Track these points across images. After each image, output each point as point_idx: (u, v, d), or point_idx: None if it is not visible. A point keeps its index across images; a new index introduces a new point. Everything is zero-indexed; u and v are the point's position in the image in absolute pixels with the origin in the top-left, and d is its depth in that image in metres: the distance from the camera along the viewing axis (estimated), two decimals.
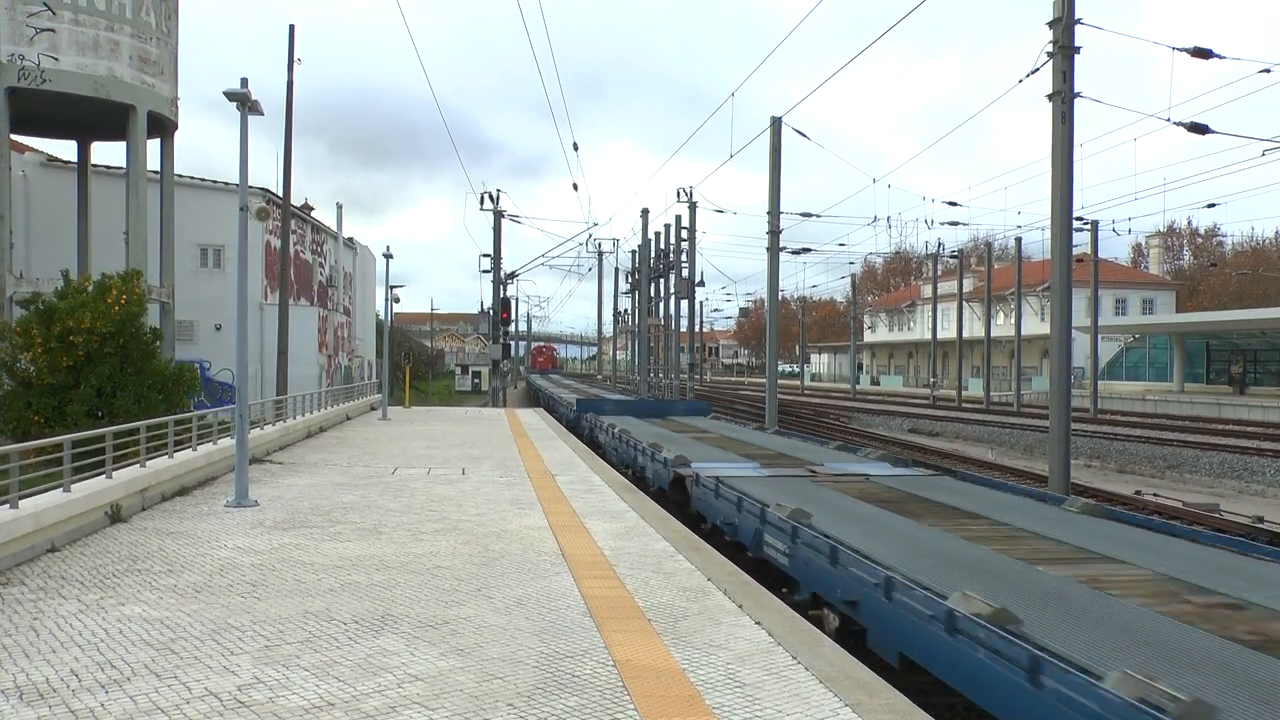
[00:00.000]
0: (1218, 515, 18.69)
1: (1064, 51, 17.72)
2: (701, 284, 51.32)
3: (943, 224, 57.50)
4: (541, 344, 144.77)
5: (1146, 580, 7.80)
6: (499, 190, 51.54)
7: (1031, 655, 5.50)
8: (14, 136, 32.18)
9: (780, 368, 39.67)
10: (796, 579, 9.53)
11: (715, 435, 23.43)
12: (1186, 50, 19.24)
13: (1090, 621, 6.48)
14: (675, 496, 15.24)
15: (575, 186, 71.37)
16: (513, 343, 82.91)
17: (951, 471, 17.16)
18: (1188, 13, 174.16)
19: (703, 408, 33.88)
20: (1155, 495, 22.05)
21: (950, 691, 6.55)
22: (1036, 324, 68.63)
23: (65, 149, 40.11)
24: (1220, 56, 19.50)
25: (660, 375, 56.30)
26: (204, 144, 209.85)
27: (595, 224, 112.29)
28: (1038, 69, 18.28)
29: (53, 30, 29.28)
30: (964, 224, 56.50)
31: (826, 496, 12.53)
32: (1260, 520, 18.23)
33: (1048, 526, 10.29)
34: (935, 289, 69.94)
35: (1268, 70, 21.95)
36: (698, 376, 64.21)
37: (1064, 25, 17.73)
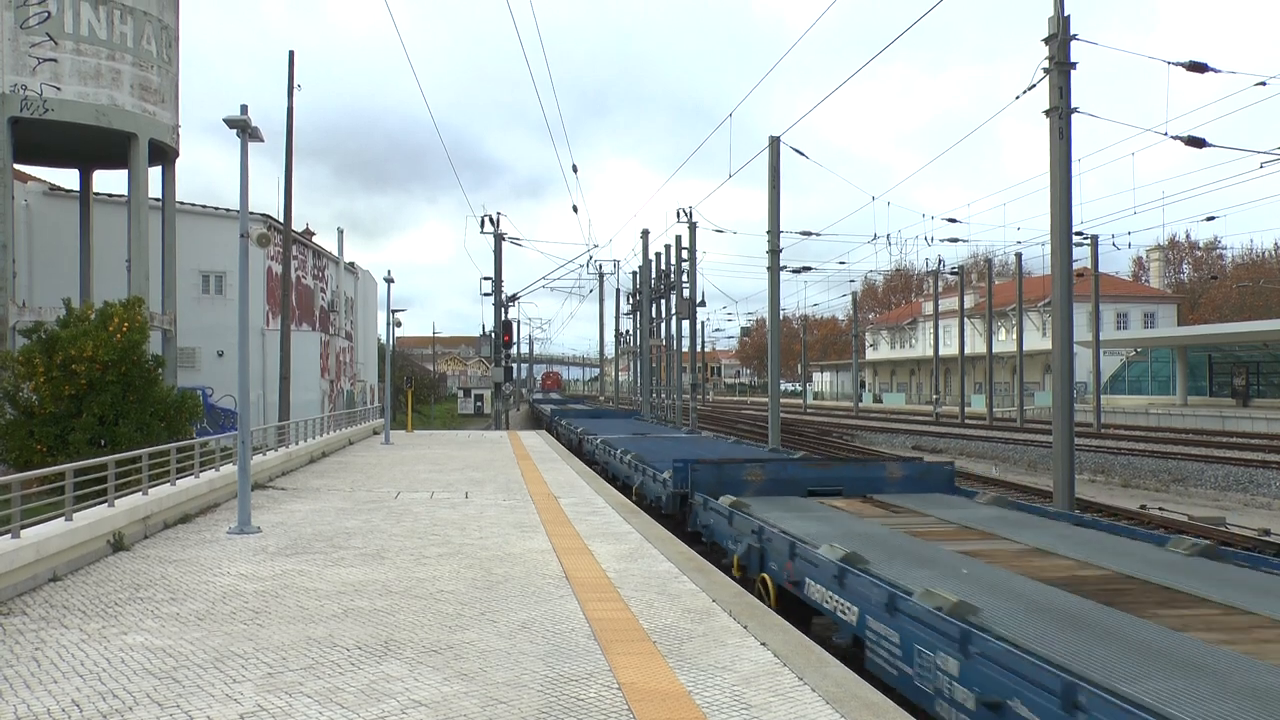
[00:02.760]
0: (1224, 528, 18.62)
1: (1060, 68, 17.79)
2: (702, 304, 51.35)
3: (943, 241, 57.71)
4: (548, 370, 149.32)
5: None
6: (499, 213, 51.76)
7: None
8: (16, 166, 32.31)
9: (782, 386, 39.62)
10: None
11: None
12: (1182, 65, 19.31)
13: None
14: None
15: (575, 209, 71.51)
16: (514, 365, 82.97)
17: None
18: (1201, 24, 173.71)
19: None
20: (1161, 509, 21.98)
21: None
22: (1038, 339, 68.65)
23: (67, 178, 40.32)
24: (1216, 70, 19.58)
25: (663, 395, 56.29)
26: (204, 168, 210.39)
27: (596, 245, 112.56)
28: (1035, 85, 18.36)
29: (55, 60, 29.45)
30: (964, 240, 56.78)
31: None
32: (1267, 533, 18.16)
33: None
34: (936, 306, 69.98)
35: (1263, 83, 22.04)
36: (700, 396, 64.14)
37: (1060, 41, 17.80)
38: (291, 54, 32.80)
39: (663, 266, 54.82)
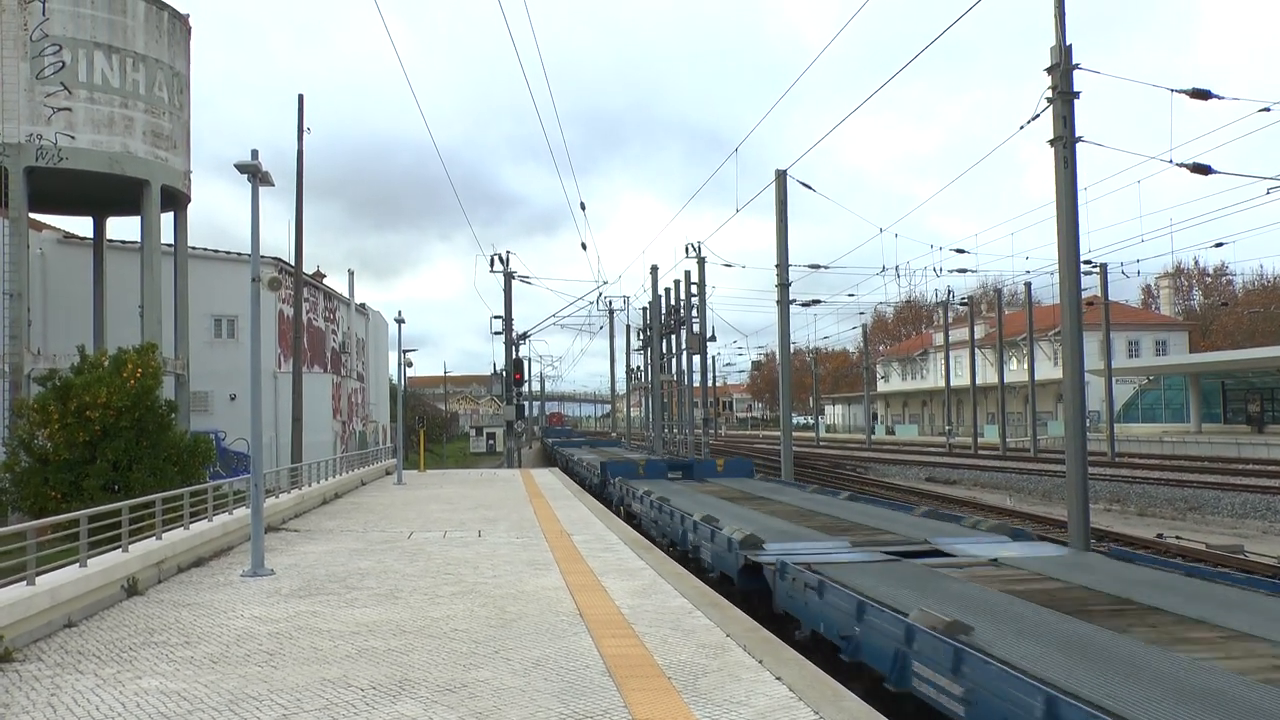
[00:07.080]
0: (1242, 556, 18.47)
1: (1063, 97, 17.87)
2: (713, 338, 51.39)
3: (951, 271, 57.76)
4: (554, 410, 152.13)
5: None
6: (509, 251, 51.97)
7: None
8: (31, 214, 32.66)
9: (794, 419, 39.69)
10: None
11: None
12: (1185, 92, 19.37)
13: None
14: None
15: (584, 246, 72.13)
16: (526, 403, 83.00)
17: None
18: (1241, 37, 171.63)
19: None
20: (1178, 538, 21.81)
21: None
22: (1049, 368, 68.43)
23: (81, 225, 40.74)
24: (1219, 97, 19.63)
25: (675, 431, 56.19)
26: (214, 208, 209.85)
27: (605, 282, 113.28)
28: (1038, 115, 18.44)
29: (69, 109, 29.88)
30: (972, 271, 56.81)
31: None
32: None
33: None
34: (947, 336, 69.93)
35: (1267, 109, 22.10)
36: (712, 431, 64.04)
37: (1062, 71, 17.90)
38: (301, 98, 33.23)
39: (672, 302, 54.96)
